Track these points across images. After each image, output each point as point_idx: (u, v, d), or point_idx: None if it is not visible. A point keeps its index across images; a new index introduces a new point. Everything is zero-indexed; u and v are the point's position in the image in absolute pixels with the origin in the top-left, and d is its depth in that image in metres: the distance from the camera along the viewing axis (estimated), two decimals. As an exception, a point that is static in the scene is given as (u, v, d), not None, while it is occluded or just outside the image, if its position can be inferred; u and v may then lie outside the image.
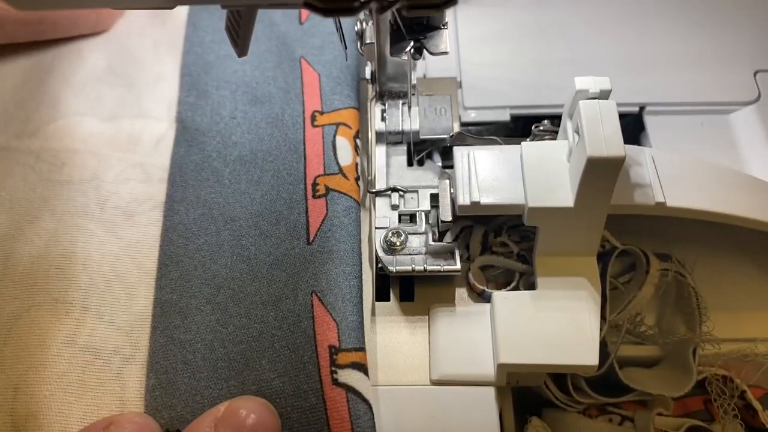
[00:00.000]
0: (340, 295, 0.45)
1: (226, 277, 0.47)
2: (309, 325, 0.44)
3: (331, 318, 0.44)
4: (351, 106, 0.54)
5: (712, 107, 0.57)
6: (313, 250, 0.47)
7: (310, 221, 0.48)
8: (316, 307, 0.45)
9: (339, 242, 0.47)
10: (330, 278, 0.46)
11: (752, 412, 0.47)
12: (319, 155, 0.51)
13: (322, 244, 0.47)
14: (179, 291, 0.46)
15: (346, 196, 0.49)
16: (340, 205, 0.48)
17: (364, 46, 0.49)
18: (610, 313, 0.47)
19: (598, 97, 0.43)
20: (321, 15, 0.32)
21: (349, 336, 0.43)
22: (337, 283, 0.45)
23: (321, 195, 0.49)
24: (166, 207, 0.50)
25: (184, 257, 0.48)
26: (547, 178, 0.44)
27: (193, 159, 0.52)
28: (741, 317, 0.50)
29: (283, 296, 0.46)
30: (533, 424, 0.46)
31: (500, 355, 0.43)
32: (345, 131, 0.53)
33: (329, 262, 0.46)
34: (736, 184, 0.48)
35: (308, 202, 0.49)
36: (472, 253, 0.50)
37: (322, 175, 0.50)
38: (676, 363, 0.48)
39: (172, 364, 0.44)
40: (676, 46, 0.60)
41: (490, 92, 0.58)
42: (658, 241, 0.50)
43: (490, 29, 0.62)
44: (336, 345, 0.43)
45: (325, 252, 0.47)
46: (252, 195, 0.50)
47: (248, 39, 0.42)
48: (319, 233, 0.48)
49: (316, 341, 0.44)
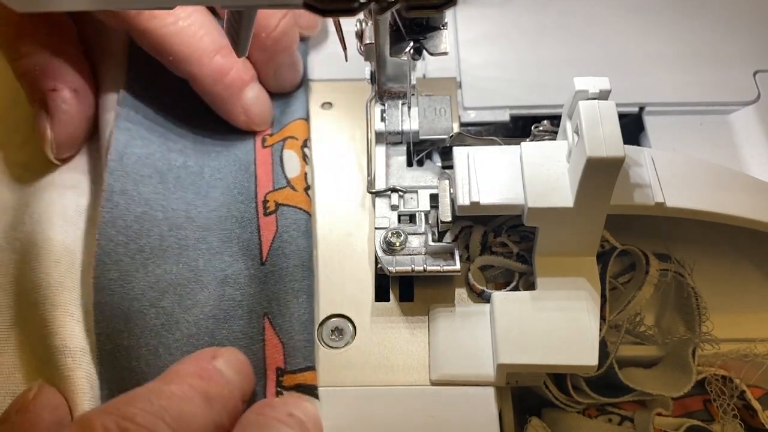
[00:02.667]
0: (287, 314, 0.45)
1: (171, 282, 0.45)
2: (260, 348, 0.44)
3: (278, 340, 0.44)
4: (298, 118, 0.54)
5: (711, 107, 0.57)
6: (266, 271, 0.47)
7: (262, 240, 0.48)
8: (267, 329, 0.45)
9: (288, 259, 0.47)
10: (279, 299, 0.45)
11: (751, 412, 0.47)
12: (269, 173, 0.51)
13: (274, 263, 0.47)
14: (120, 293, 0.44)
15: (294, 209, 0.49)
16: (289, 219, 0.48)
17: (363, 46, 0.49)
18: (610, 313, 0.47)
19: (597, 98, 0.43)
20: (321, 15, 0.32)
21: (295, 357, 0.43)
22: (286, 302, 0.45)
23: (271, 212, 0.49)
24: (105, 198, 0.47)
25: (125, 257, 0.45)
26: (547, 179, 0.44)
27: (136, 152, 0.49)
28: (740, 317, 0.50)
29: (236, 316, 0.45)
30: (533, 424, 0.46)
31: (500, 356, 0.44)
32: (292, 143, 0.52)
33: (280, 282, 0.46)
34: (736, 184, 0.48)
35: (260, 220, 0.49)
36: (471, 254, 0.50)
37: (271, 192, 0.50)
38: (675, 363, 0.48)
39: (119, 372, 0.43)
40: (676, 46, 0.60)
41: (490, 92, 0.58)
42: (658, 241, 0.50)
43: (490, 29, 0.62)
44: (282, 367, 0.43)
45: (276, 271, 0.46)
46: (199, 208, 0.49)
47: (248, 39, 0.42)
48: (270, 251, 0.47)
49: (265, 364, 0.44)
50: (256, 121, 0.54)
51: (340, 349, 0.47)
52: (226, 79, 0.52)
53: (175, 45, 0.50)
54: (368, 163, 0.52)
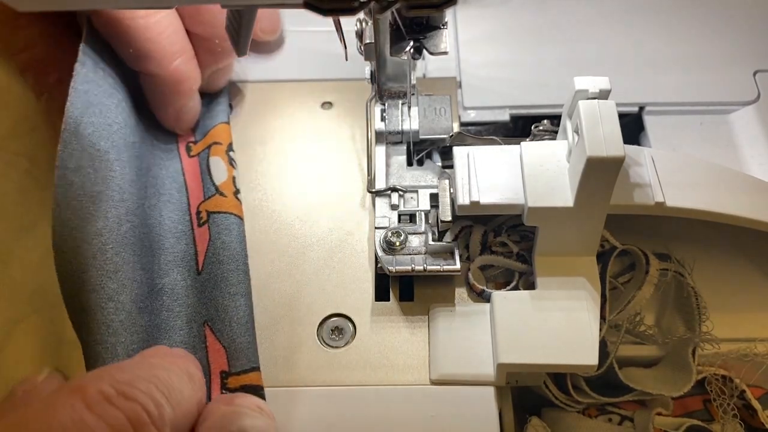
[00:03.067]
0: (227, 319, 0.45)
1: (130, 277, 0.43)
2: (203, 355, 0.44)
3: (220, 345, 0.44)
4: (221, 122, 0.54)
5: (711, 107, 0.57)
6: (203, 280, 0.47)
7: (198, 250, 0.48)
8: (208, 336, 0.45)
9: (223, 264, 0.47)
10: (218, 304, 0.45)
11: (751, 411, 0.47)
12: (198, 183, 0.51)
13: (210, 271, 0.47)
14: (78, 284, 0.41)
15: (225, 215, 0.49)
16: (221, 225, 0.48)
17: (363, 45, 0.49)
18: (610, 312, 0.47)
19: (597, 97, 0.43)
20: (321, 15, 0.32)
21: (238, 359, 0.43)
22: (224, 307, 0.45)
23: (204, 222, 0.49)
24: (58, 175, 0.42)
25: (82, 243, 0.42)
26: (547, 178, 0.44)
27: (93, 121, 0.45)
28: (740, 317, 0.50)
29: (176, 327, 0.45)
30: (533, 423, 0.46)
31: (500, 355, 0.43)
32: (217, 149, 0.52)
33: (216, 288, 0.46)
34: (736, 184, 0.48)
35: (195, 232, 0.49)
36: (471, 253, 0.50)
37: (203, 202, 0.50)
38: (675, 363, 0.48)
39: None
40: (676, 46, 0.60)
41: (490, 92, 0.58)
42: (658, 241, 0.50)
43: (490, 29, 0.62)
44: (226, 370, 0.43)
45: (212, 279, 0.46)
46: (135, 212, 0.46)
47: (248, 39, 0.42)
48: (206, 261, 0.47)
49: (210, 370, 0.44)
50: (183, 127, 0.54)
51: (340, 348, 0.47)
52: (181, 86, 0.51)
53: (140, 40, 0.48)
54: (368, 163, 0.52)
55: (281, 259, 0.51)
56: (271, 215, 0.53)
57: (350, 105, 0.58)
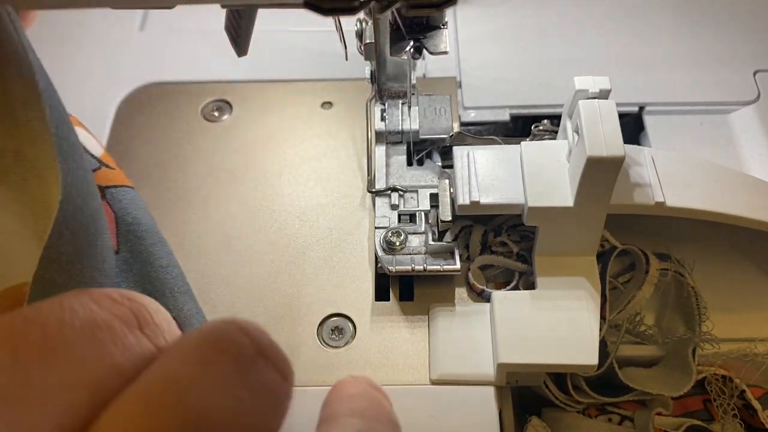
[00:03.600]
0: (166, 291, 0.44)
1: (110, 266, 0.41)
2: None
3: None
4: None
5: (711, 107, 0.57)
6: (124, 258, 0.44)
7: (110, 227, 0.43)
8: None
9: (145, 240, 0.44)
10: (152, 278, 0.44)
11: (752, 411, 0.47)
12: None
13: (131, 249, 0.44)
14: (68, 272, 0.37)
15: (123, 189, 0.45)
16: (123, 200, 0.45)
17: (363, 45, 0.49)
18: (610, 312, 0.47)
19: (597, 97, 0.43)
20: (321, 15, 0.32)
21: (191, 326, 0.43)
22: (159, 280, 0.44)
23: (102, 197, 0.44)
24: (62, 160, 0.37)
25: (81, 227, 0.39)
26: (547, 178, 0.44)
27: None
28: (740, 317, 0.50)
29: None
30: (533, 423, 0.46)
31: (500, 355, 0.43)
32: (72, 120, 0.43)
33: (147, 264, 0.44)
34: (736, 184, 0.48)
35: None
36: (471, 253, 0.50)
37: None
38: (675, 363, 0.48)
39: None
40: (675, 46, 0.60)
41: (490, 92, 0.58)
42: (658, 240, 0.50)
43: (490, 29, 0.62)
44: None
45: (136, 256, 0.44)
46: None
47: (248, 39, 0.42)
48: (120, 239, 0.44)
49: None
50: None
51: (340, 348, 0.47)
52: None
53: None
54: (368, 163, 0.52)
55: (281, 259, 0.51)
56: (271, 215, 0.53)
57: (350, 105, 0.58)
